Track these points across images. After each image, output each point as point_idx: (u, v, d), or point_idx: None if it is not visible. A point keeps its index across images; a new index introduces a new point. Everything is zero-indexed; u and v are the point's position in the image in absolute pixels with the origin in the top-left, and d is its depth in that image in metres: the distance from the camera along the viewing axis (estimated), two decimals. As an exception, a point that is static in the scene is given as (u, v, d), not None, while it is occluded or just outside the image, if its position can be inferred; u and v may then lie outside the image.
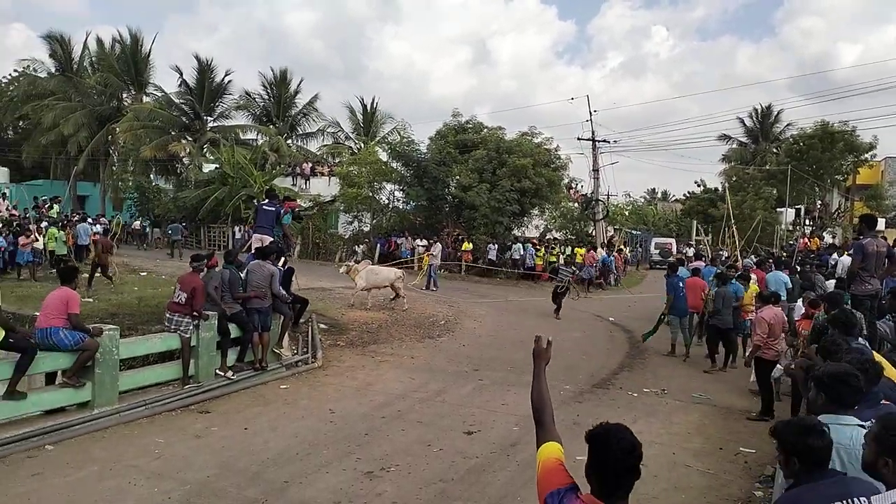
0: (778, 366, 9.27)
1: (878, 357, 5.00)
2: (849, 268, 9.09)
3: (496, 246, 28.25)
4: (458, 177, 28.86)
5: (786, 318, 9.80)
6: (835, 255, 17.71)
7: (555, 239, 31.26)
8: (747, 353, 10.26)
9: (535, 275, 27.43)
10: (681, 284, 13.61)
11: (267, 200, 12.93)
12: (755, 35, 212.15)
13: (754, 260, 19.29)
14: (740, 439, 8.27)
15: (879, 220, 26.54)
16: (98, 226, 24.08)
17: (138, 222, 37.55)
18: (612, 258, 28.03)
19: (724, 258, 21.47)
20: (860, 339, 6.29)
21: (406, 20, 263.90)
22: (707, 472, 7.14)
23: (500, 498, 6.32)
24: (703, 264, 17.78)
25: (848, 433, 3.34)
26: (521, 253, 27.82)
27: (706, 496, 6.54)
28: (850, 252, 10.50)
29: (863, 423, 3.34)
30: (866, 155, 36.72)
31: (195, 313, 9.20)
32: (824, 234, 32.35)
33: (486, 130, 30.64)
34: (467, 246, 27.88)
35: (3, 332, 7.23)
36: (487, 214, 27.52)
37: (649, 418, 9.07)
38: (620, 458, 2.34)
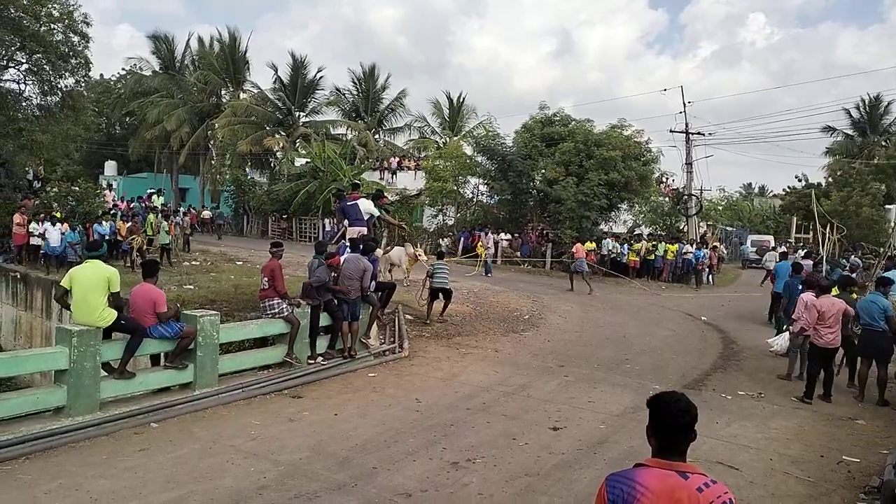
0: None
1: None
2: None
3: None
4: (543, 170, 28.58)
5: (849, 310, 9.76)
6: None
7: (638, 235, 30.40)
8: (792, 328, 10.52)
9: (625, 270, 26.79)
10: (800, 286, 11.71)
11: (354, 195, 13.21)
12: (861, 21, 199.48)
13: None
14: (843, 447, 7.83)
15: None
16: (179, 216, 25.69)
17: (208, 212, 38.91)
18: (706, 254, 27.04)
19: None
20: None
21: (489, 13, 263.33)
22: (807, 481, 6.80)
23: (588, 496, 6.21)
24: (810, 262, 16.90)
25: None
26: (610, 249, 27.24)
27: (806, 505, 6.23)
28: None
29: None
30: None
31: (283, 295, 9.53)
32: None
33: (573, 123, 30.15)
34: (590, 245, 26.50)
35: (116, 314, 7.69)
36: (574, 209, 27.08)
37: (744, 422, 8.72)
38: (677, 416, 2.58)
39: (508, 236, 29.52)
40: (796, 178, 47.94)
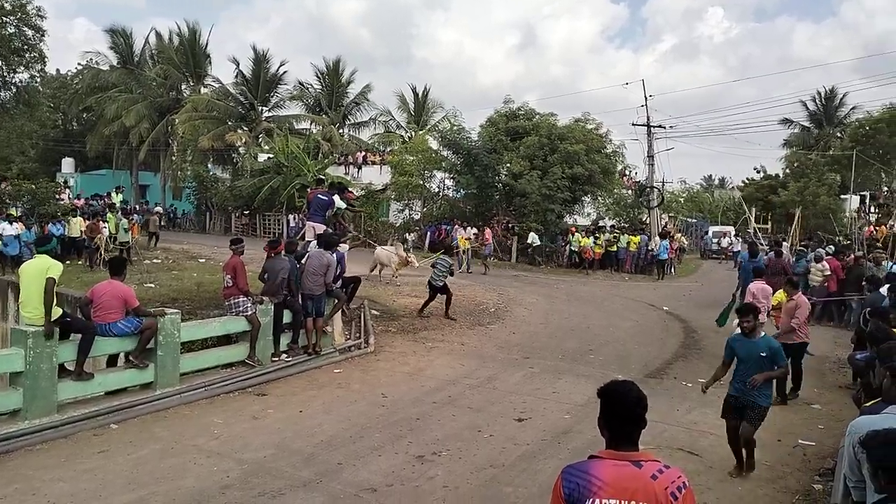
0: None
1: None
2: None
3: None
4: (508, 164, 28.72)
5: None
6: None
7: (599, 227, 30.79)
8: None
9: (587, 263, 27.09)
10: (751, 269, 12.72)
11: (322, 190, 13.11)
12: (815, 15, 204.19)
13: (831, 249, 18.35)
14: (799, 431, 8.05)
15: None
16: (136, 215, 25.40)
17: (159, 208, 38.09)
18: (667, 246, 27.45)
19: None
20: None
21: (454, 7, 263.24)
22: (764, 464, 6.96)
23: (551, 485, 6.29)
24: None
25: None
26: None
27: (763, 488, 6.40)
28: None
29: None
30: (938, 139, 35.05)
31: (246, 292, 9.44)
32: (892, 221, 31.01)
33: (537, 117, 30.38)
34: (586, 242, 26.95)
35: (60, 311, 7.51)
36: (538, 202, 27.30)
37: (704, 409, 8.85)
38: (629, 408, 2.60)
39: (475, 230, 29.60)
40: (755, 169, 49.01)
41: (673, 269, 27.97)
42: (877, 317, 7.52)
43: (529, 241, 27.81)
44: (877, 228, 28.03)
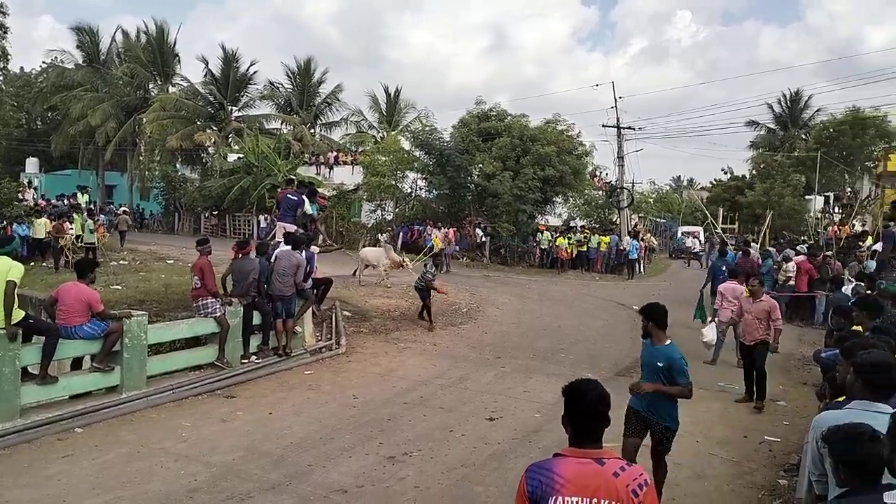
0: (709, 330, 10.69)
1: None
2: (879, 255, 8.93)
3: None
4: (480, 165, 28.78)
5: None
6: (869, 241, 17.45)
7: (570, 227, 31.06)
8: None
9: (559, 263, 27.30)
10: (723, 269, 13.29)
11: (291, 189, 13.00)
12: (781, 19, 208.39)
13: (804, 248, 18.64)
14: (765, 428, 8.19)
15: (911, 207, 25.99)
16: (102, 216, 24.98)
17: (124, 209, 37.34)
18: (637, 246, 27.78)
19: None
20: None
21: (425, 7, 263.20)
22: (731, 461, 7.09)
23: (522, 483, 6.32)
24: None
25: (881, 421, 3.28)
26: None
27: (730, 484, 6.50)
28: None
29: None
30: (898, 141, 35.93)
31: (215, 294, 9.34)
32: (854, 221, 31.74)
33: (509, 118, 30.50)
34: (561, 241, 27.25)
35: (23, 313, 7.35)
36: (510, 203, 27.42)
37: (673, 406, 9.00)
38: (592, 405, 2.63)
39: (446, 230, 29.62)
40: (722, 170, 49.81)
41: (642, 269, 28.27)
42: (840, 315, 7.68)
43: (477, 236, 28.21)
44: (840, 228, 28.62)
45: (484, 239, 28.74)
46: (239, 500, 5.73)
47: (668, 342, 5.38)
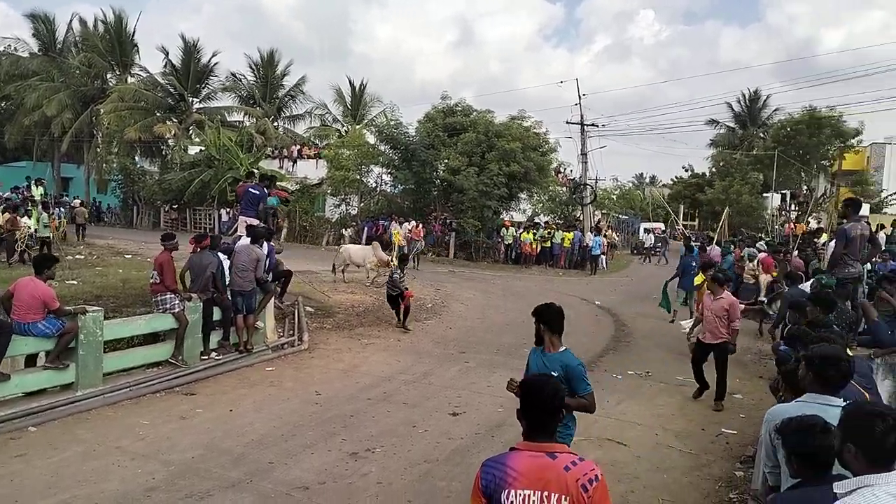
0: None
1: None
2: (832, 252, 9.17)
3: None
4: (446, 160, 28.81)
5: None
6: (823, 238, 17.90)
7: (535, 223, 31.33)
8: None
9: (523, 258, 27.50)
10: (693, 265, 14.04)
11: (252, 183, 12.83)
12: (742, 19, 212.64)
13: (763, 246, 19.02)
14: (722, 420, 8.36)
15: (864, 204, 26.79)
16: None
17: (77, 201, 36.44)
18: (600, 242, 28.15)
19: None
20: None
21: (390, 3, 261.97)
22: (689, 453, 7.22)
23: (485, 478, 6.35)
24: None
25: (832, 413, 3.36)
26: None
27: (688, 476, 6.62)
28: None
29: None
30: (852, 140, 36.93)
31: (174, 290, 9.19)
32: (810, 218, 32.59)
33: (475, 114, 30.55)
34: (525, 236, 27.47)
35: None
36: (476, 198, 27.50)
37: (632, 400, 9.15)
38: (545, 400, 2.66)
39: (410, 226, 29.57)
40: (683, 168, 50.73)
41: (605, 265, 28.64)
42: (795, 310, 7.87)
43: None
44: (796, 225, 29.35)
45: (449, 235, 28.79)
46: (198, 499, 5.64)
47: (562, 349, 4.64)
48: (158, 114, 39.05)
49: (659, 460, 6.98)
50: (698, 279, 12.61)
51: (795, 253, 18.41)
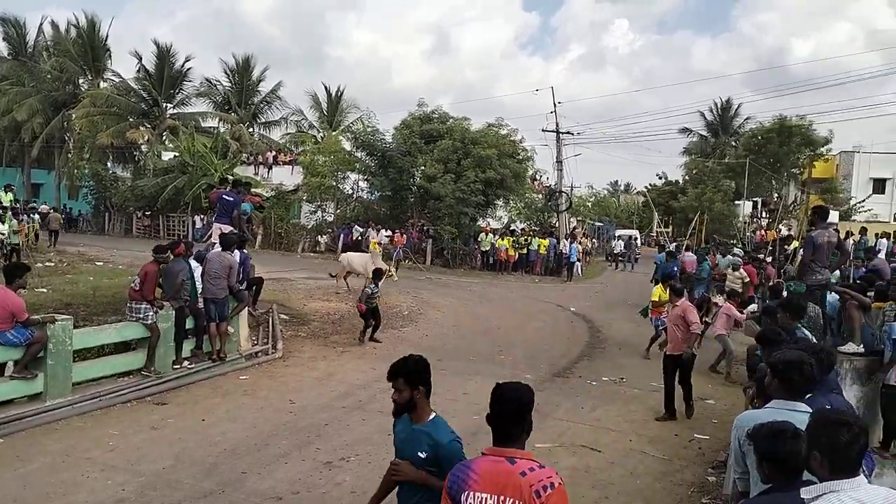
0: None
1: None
2: (800, 259, 9.32)
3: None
4: (423, 167, 28.81)
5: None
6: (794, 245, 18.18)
7: (512, 230, 31.49)
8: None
9: (500, 265, 27.58)
10: (675, 269, 14.36)
11: (226, 189, 12.72)
12: (713, 30, 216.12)
13: (740, 254, 19.17)
14: (695, 426, 8.45)
15: (833, 212, 27.27)
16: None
17: (45, 207, 35.80)
18: (576, 249, 28.33)
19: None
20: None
21: (367, 8, 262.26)
22: (662, 459, 7.29)
23: (459, 486, 6.34)
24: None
25: (800, 419, 3.40)
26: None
27: (661, 482, 6.68)
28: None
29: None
30: (822, 149, 37.64)
31: (150, 301, 9.07)
32: (780, 226, 33.11)
33: (451, 121, 30.58)
34: (501, 243, 27.58)
35: None
36: (452, 205, 27.53)
37: (607, 406, 9.21)
38: (508, 408, 2.70)
39: (388, 234, 29.53)
40: (657, 175, 51.25)
41: (580, 272, 28.82)
42: (766, 315, 7.99)
43: (355, 235, 28.57)
44: (767, 232, 29.83)
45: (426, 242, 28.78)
46: (169, 510, 5.57)
47: (432, 416, 3.41)
48: (131, 119, 38.62)
49: (632, 466, 7.03)
50: (655, 294, 12.52)
51: (769, 260, 18.73)
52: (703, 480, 6.75)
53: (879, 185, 40.35)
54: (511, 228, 32.10)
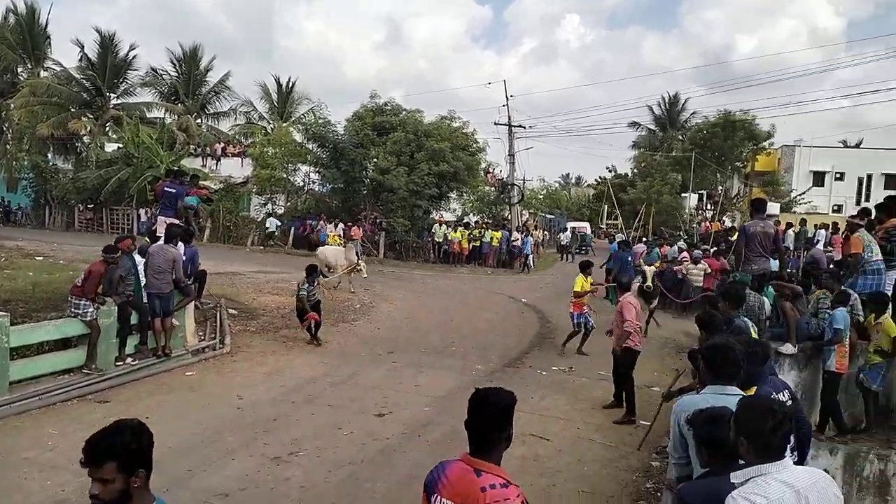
0: None
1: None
2: (734, 249, 9.57)
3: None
4: (375, 159, 28.66)
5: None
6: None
7: (465, 223, 31.65)
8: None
9: (453, 257, 27.67)
10: (629, 259, 14.68)
11: (169, 181, 12.44)
12: (662, 25, 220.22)
13: (684, 245, 19.70)
14: (640, 413, 8.62)
15: (774, 204, 28.18)
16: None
17: None
18: (529, 241, 28.62)
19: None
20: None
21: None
22: (609, 446, 7.45)
23: (410, 478, 6.35)
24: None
25: (733, 402, 3.50)
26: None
27: (607, 468, 6.83)
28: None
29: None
30: (764, 143, 38.75)
31: (92, 298, 8.83)
32: (724, 217, 34.06)
33: (404, 113, 30.45)
34: (454, 235, 27.63)
35: None
36: (406, 198, 27.48)
37: (556, 395, 9.36)
38: (477, 412, 2.62)
39: (343, 226, 29.28)
40: (607, 168, 52.09)
41: (532, 263, 29.13)
42: (707, 304, 8.20)
43: (267, 225, 28.74)
44: (711, 224, 30.62)
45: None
46: (111, 510, 5.43)
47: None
48: (73, 109, 37.28)
49: (580, 453, 7.17)
50: (577, 283, 12.15)
51: (713, 250, 19.24)
52: (647, 466, 6.93)
53: (819, 178, 41.87)
54: (464, 222, 32.26)
